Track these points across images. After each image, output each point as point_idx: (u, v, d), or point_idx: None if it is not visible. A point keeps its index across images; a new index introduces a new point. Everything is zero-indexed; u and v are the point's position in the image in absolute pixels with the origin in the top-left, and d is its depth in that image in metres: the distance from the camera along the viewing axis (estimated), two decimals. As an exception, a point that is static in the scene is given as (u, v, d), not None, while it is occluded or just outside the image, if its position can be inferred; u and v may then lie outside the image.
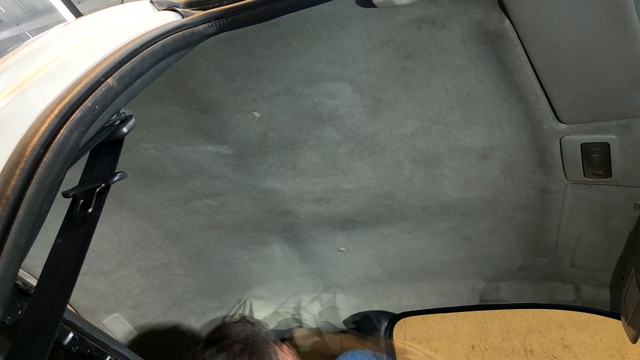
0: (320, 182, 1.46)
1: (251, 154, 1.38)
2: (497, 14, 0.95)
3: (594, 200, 1.29)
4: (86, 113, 0.65)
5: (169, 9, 0.96)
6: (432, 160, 1.34)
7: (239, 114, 1.25)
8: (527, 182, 1.34)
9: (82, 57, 0.72)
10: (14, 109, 0.60)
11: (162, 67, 0.85)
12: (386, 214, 1.57)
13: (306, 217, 1.62)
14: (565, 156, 1.19)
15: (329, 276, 1.89)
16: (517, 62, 1.02)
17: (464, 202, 1.46)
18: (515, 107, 1.14)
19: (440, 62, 1.08)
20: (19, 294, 1.17)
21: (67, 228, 0.69)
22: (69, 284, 0.64)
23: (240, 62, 1.11)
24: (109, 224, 1.52)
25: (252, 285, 1.94)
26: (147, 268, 1.70)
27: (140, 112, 1.23)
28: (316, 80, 1.15)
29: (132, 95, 0.78)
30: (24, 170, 0.55)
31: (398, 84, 1.14)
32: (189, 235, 1.68)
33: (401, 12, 0.98)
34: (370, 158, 1.36)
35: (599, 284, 1.59)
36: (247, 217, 1.63)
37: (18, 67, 0.66)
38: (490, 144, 1.26)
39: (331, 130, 1.29)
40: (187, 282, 1.84)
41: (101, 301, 1.65)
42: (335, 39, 1.05)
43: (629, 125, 1.06)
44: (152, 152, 1.36)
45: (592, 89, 1.00)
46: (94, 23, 0.82)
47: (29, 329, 0.60)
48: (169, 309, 1.85)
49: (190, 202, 1.56)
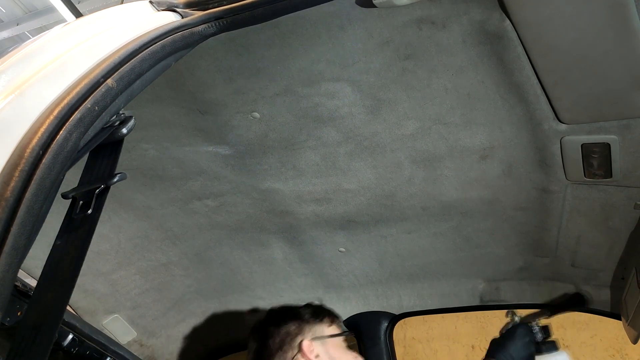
0: (320, 182, 1.46)
1: (251, 154, 1.38)
2: (497, 15, 0.95)
3: (595, 201, 1.29)
4: (85, 114, 0.64)
5: (168, 10, 0.96)
6: (433, 160, 1.33)
7: (239, 115, 1.25)
8: (528, 183, 1.33)
9: (81, 57, 0.72)
10: (13, 110, 0.59)
11: (161, 68, 0.85)
12: (386, 214, 1.57)
13: (306, 217, 1.61)
14: (566, 156, 1.19)
15: (329, 277, 1.89)
16: (518, 62, 1.02)
17: (464, 203, 1.46)
18: (516, 107, 1.14)
19: (440, 63, 1.08)
20: (18, 295, 1.16)
21: (67, 229, 0.69)
22: (69, 285, 0.64)
23: (240, 63, 1.11)
24: (109, 225, 1.52)
25: (252, 286, 1.93)
26: (146, 269, 1.69)
27: (140, 112, 1.23)
28: (316, 81, 1.15)
29: (131, 96, 0.78)
30: (23, 172, 0.54)
31: (398, 84, 1.14)
32: (188, 236, 1.68)
33: (401, 13, 0.98)
34: (370, 158, 1.36)
35: (599, 284, 1.59)
36: (247, 217, 1.63)
37: (17, 67, 0.66)
38: (490, 144, 1.26)
39: (331, 131, 1.29)
40: (187, 283, 1.83)
41: (101, 302, 1.65)
42: (336, 40, 1.05)
43: (630, 125, 1.06)
44: (152, 153, 1.36)
45: (592, 89, 1.00)
46: (94, 23, 0.82)
47: (28, 331, 0.60)
48: (169, 310, 1.85)
49: (190, 203, 1.55)
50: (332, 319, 1.58)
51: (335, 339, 1.53)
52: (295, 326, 1.51)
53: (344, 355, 1.51)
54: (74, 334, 1.35)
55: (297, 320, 1.53)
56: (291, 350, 1.46)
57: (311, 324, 1.53)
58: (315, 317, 1.55)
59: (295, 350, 1.46)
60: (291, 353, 1.46)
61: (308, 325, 1.52)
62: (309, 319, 1.54)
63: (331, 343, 1.51)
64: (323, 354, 1.46)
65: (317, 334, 1.50)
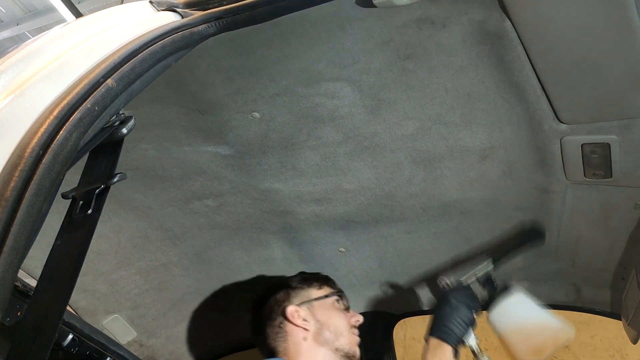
0: (320, 182, 1.46)
1: (251, 154, 1.38)
2: (497, 14, 0.95)
3: (595, 201, 1.29)
4: (85, 114, 0.64)
5: (168, 10, 0.96)
6: (433, 160, 1.33)
7: (239, 115, 1.25)
8: (528, 183, 1.33)
9: (81, 57, 0.72)
10: (13, 110, 0.59)
11: (161, 68, 0.85)
12: (386, 214, 1.56)
13: (306, 217, 1.61)
14: (566, 156, 1.19)
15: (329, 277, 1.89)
16: (518, 62, 1.02)
17: (464, 203, 1.46)
18: (516, 107, 1.14)
19: (440, 63, 1.07)
20: (18, 295, 1.17)
21: (67, 229, 0.69)
22: (69, 285, 0.64)
23: (240, 63, 1.11)
24: (109, 225, 1.52)
25: (252, 286, 1.93)
26: (146, 269, 1.69)
27: (140, 112, 1.23)
28: (316, 81, 1.15)
29: (131, 96, 0.78)
30: (23, 172, 0.54)
31: (398, 84, 1.14)
32: (188, 236, 1.68)
33: (401, 13, 0.98)
34: (370, 158, 1.36)
35: (599, 284, 1.59)
36: (246, 217, 1.63)
37: (17, 67, 0.66)
38: (490, 144, 1.26)
39: (331, 131, 1.29)
40: (187, 283, 1.83)
41: (101, 302, 1.65)
42: (336, 39, 1.04)
43: (630, 125, 1.06)
44: (152, 153, 1.36)
45: (592, 89, 1.00)
46: (94, 23, 0.82)
47: (28, 331, 0.60)
48: (169, 310, 1.85)
49: (189, 203, 1.55)
50: (322, 283, 1.56)
51: (325, 300, 1.51)
52: (283, 293, 1.52)
53: (334, 316, 1.47)
54: (74, 334, 1.36)
55: (285, 288, 1.53)
56: (278, 317, 1.47)
57: (298, 290, 1.52)
58: (302, 282, 1.55)
59: (281, 317, 1.46)
60: (279, 320, 1.46)
61: (294, 291, 1.52)
62: (297, 285, 1.54)
63: (319, 305, 1.49)
64: (309, 317, 1.45)
65: (303, 299, 1.50)
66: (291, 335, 1.43)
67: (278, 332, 1.45)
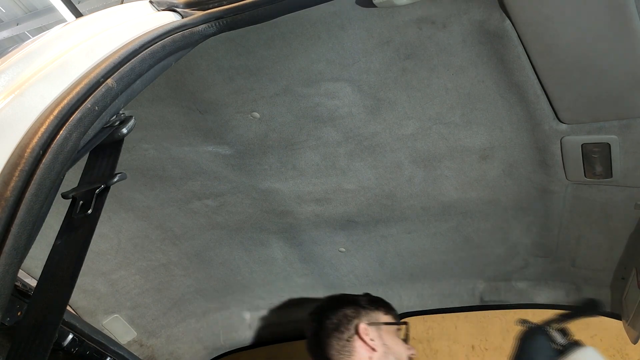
0: (320, 182, 1.46)
1: (251, 154, 1.38)
2: (497, 14, 0.95)
3: (595, 201, 1.29)
4: (86, 114, 0.64)
5: (168, 9, 0.96)
6: (433, 160, 1.33)
7: (239, 114, 1.25)
8: (528, 183, 1.33)
9: (81, 57, 0.72)
10: (13, 110, 0.59)
11: (161, 68, 0.85)
12: (386, 214, 1.57)
13: (306, 217, 1.61)
14: (566, 156, 1.19)
15: (329, 277, 1.89)
16: (518, 62, 1.02)
17: (465, 203, 1.46)
18: (516, 107, 1.14)
19: (440, 62, 1.07)
20: (18, 295, 1.16)
21: (67, 229, 0.69)
22: (69, 285, 0.64)
23: (240, 63, 1.11)
24: (109, 225, 1.52)
25: (252, 286, 1.93)
26: (146, 269, 1.69)
27: (140, 112, 1.23)
28: (316, 81, 1.15)
29: (131, 96, 0.77)
30: (23, 172, 0.54)
31: (398, 84, 1.14)
32: (188, 236, 1.68)
33: (401, 12, 0.98)
34: (370, 158, 1.36)
35: (599, 284, 1.59)
36: (247, 217, 1.63)
37: (17, 67, 0.66)
38: (490, 144, 1.26)
39: (331, 131, 1.29)
40: (187, 283, 1.83)
41: (101, 302, 1.65)
42: (336, 39, 1.04)
43: (630, 125, 1.06)
44: (152, 153, 1.36)
45: (592, 89, 1.00)
46: (94, 23, 0.82)
47: (28, 331, 0.60)
48: (169, 310, 1.85)
49: (190, 203, 1.55)
50: (388, 309, 1.63)
51: (390, 327, 1.57)
52: (352, 310, 1.56)
53: (397, 343, 1.54)
54: (74, 334, 1.35)
55: (354, 305, 1.58)
56: (347, 331, 1.51)
57: (367, 310, 1.57)
58: (371, 304, 1.60)
59: (351, 331, 1.50)
60: (347, 334, 1.50)
61: (364, 311, 1.57)
62: (366, 305, 1.59)
63: (385, 330, 1.55)
64: (377, 339, 1.50)
65: (372, 319, 1.55)
66: (358, 352, 1.47)
67: (345, 345, 1.49)
